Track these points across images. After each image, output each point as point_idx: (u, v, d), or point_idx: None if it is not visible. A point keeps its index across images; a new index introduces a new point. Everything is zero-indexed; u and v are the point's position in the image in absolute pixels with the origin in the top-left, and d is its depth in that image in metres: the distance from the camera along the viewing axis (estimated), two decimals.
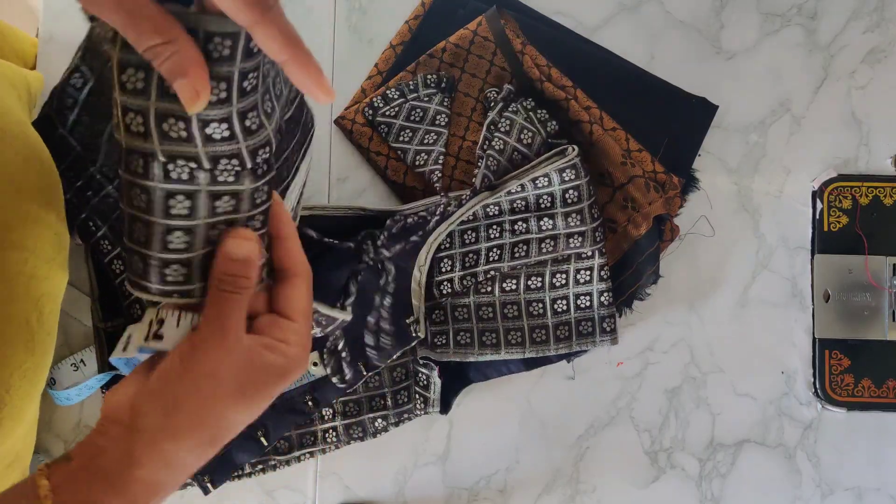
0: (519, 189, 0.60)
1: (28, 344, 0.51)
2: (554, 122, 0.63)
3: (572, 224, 0.60)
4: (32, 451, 0.61)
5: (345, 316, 0.51)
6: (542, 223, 0.61)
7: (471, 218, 0.61)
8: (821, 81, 0.68)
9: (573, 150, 0.61)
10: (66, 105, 0.59)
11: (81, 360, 0.63)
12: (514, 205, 0.61)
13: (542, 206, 0.60)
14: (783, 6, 0.68)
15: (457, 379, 0.64)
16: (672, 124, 0.67)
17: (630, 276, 0.64)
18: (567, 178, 0.60)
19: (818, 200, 0.67)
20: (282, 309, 0.41)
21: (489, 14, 0.65)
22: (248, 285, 0.39)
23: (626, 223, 0.64)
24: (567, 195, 0.60)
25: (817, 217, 0.67)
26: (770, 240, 0.67)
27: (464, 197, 0.61)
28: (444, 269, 0.62)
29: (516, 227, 0.61)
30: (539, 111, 0.63)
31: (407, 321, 0.61)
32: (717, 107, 0.67)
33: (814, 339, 0.66)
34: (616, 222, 0.64)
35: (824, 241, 0.67)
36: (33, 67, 0.67)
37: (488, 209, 0.61)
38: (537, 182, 0.60)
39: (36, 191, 0.53)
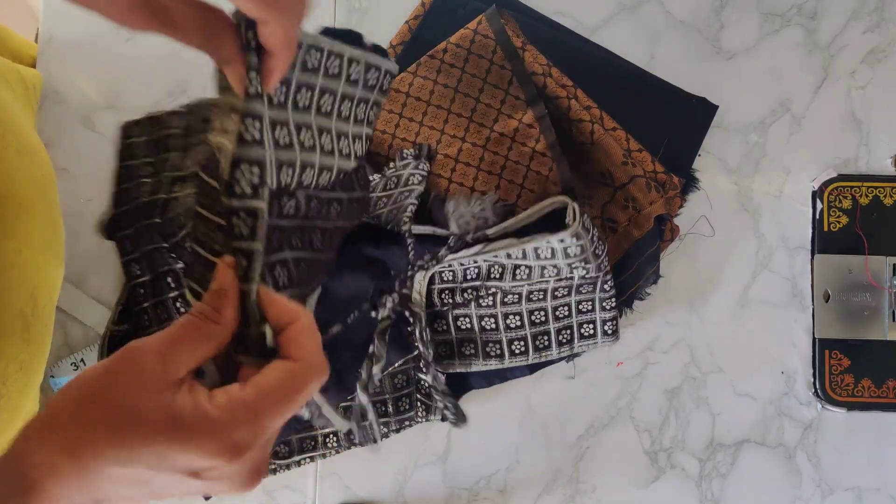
0: (519, 254, 0.59)
1: (23, 335, 0.51)
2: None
3: (575, 266, 0.60)
4: None
5: (341, 427, 0.51)
6: (540, 257, 0.59)
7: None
8: (821, 81, 0.68)
9: (574, 216, 0.56)
10: (202, 116, 0.58)
11: (82, 360, 0.64)
12: (511, 253, 0.60)
13: (542, 256, 0.59)
14: (783, 6, 0.68)
15: (459, 385, 0.64)
16: (672, 124, 0.67)
17: (630, 276, 0.64)
18: (568, 243, 0.57)
19: (818, 200, 0.67)
20: (245, 377, 0.35)
21: (489, 13, 0.65)
22: (208, 315, 0.35)
23: (627, 223, 0.64)
24: (568, 251, 0.58)
25: (817, 217, 0.67)
26: (770, 240, 0.67)
27: (450, 241, 0.60)
28: (445, 279, 0.62)
29: (517, 263, 0.60)
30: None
31: (408, 329, 0.60)
32: (717, 107, 0.67)
33: (814, 339, 0.66)
34: (617, 222, 0.64)
35: (824, 241, 0.67)
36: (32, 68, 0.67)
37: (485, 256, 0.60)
38: (538, 248, 0.58)
39: (29, 181, 0.53)
